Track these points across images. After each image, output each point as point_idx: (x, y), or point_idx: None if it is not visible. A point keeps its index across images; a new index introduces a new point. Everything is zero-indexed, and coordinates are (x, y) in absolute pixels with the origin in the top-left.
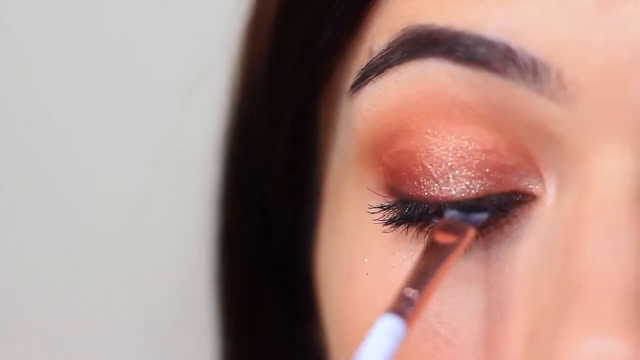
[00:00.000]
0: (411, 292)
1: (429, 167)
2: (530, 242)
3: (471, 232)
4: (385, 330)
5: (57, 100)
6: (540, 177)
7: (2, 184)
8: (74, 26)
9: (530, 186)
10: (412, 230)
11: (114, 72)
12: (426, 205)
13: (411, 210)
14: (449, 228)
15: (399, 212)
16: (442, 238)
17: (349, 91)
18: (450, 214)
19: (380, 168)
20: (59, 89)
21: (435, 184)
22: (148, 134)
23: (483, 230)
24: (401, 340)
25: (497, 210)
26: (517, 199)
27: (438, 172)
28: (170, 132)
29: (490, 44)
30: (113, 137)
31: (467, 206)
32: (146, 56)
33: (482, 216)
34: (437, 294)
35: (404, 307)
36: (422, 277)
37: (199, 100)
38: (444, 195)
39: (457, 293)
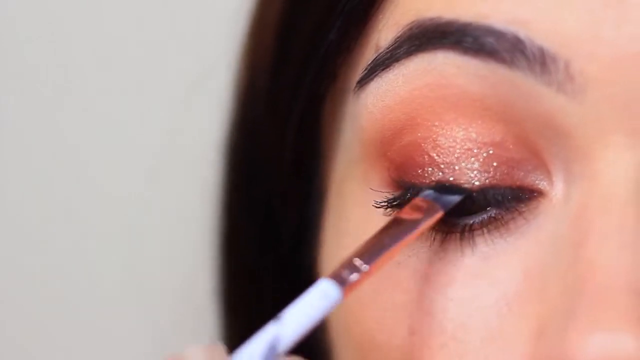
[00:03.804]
0: (358, 262)
1: (435, 157)
2: (537, 237)
3: (438, 213)
4: (320, 293)
5: (58, 101)
6: (547, 172)
7: (3, 184)
8: (75, 26)
9: (537, 182)
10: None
11: (115, 72)
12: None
13: (412, 195)
14: (417, 207)
15: (405, 202)
16: (408, 215)
17: (355, 87)
18: (425, 193)
19: (385, 164)
20: (60, 90)
21: (440, 173)
22: (149, 133)
23: (489, 226)
24: (333, 306)
25: (502, 206)
26: (523, 198)
27: (445, 162)
28: (171, 131)
29: (498, 34)
30: (115, 137)
31: (444, 187)
32: (148, 56)
33: (454, 198)
34: (443, 290)
35: (346, 275)
36: (376, 249)
37: (202, 99)
38: (449, 183)
39: (463, 289)
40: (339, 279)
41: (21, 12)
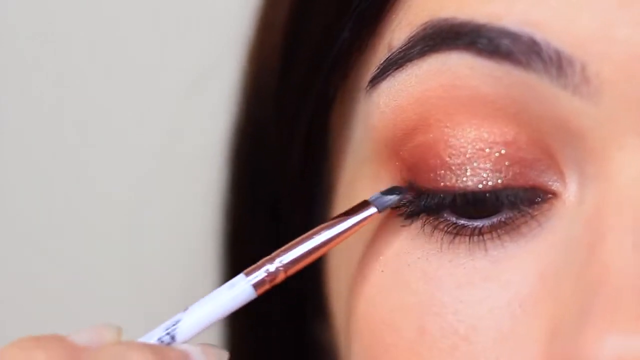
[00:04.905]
0: (279, 260)
1: (447, 159)
2: (551, 239)
3: (372, 213)
4: (228, 285)
5: (59, 101)
6: (560, 174)
7: (3, 184)
8: (75, 26)
9: (549, 182)
10: (428, 227)
11: (116, 72)
12: (442, 195)
13: (427, 201)
14: (357, 208)
15: (416, 204)
16: (346, 216)
17: (367, 87)
18: (371, 196)
19: (397, 163)
20: (60, 89)
21: (452, 175)
22: (149, 134)
23: (499, 230)
24: (243, 298)
25: (515, 208)
26: (536, 200)
27: (456, 163)
28: (171, 131)
29: (514, 36)
30: (115, 137)
31: (388, 189)
32: (148, 55)
33: (392, 198)
34: (454, 292)
35: (263, 271)
36: (300, 249)
37: (202, 99)
38: (460, 186)
39: (474, 291)
40: (253, 273)
41: (21, 12)
